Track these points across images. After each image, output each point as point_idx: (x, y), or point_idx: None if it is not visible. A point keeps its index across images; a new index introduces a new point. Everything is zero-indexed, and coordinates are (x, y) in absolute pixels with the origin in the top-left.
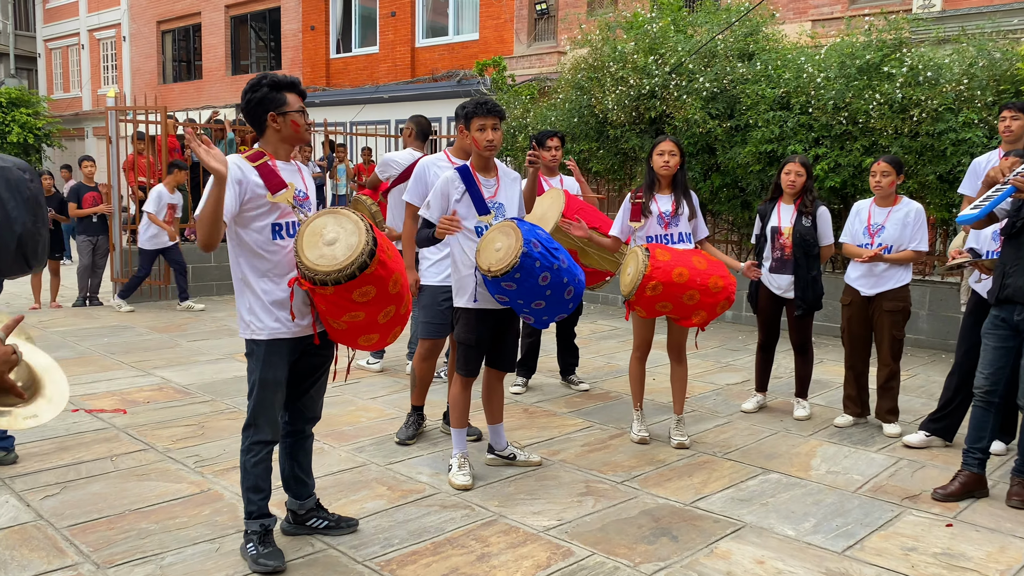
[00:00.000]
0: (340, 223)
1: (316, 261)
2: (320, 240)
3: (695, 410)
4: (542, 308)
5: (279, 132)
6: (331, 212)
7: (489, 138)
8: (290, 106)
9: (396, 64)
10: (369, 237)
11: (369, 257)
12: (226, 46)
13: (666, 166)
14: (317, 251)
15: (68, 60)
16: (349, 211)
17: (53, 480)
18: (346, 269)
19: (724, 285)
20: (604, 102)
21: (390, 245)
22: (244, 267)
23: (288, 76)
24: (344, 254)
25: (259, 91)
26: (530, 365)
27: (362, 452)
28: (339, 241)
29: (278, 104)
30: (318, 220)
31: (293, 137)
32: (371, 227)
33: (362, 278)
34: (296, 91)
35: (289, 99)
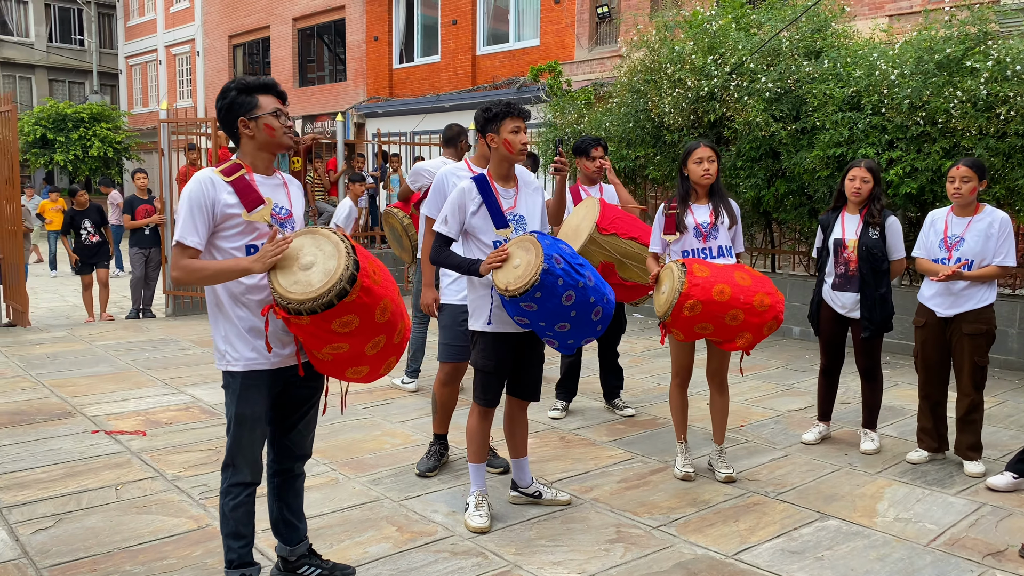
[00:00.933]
0: (319, 245)
1: (289, 288)
2: (296, 264)
3: (750, 440)
4: (567, 331)
5: (253, 139)
6: (309, 232)
7: (524, 140)
8: (262, 109)
9: (457, 72)
10: (349, 261)
11: (349, 283)
12: (293, 59)
13: (707, 175)
14: (291, 277)
15: (147, 76)
16: (330, 231)
17: (51, 511)
18: (322, 297)
19: (771, 303)
20: (660, 105)
21: (378, 268)
22: (218, 291)
23: (263, 77)
24: (320, 280)
25: (227, 97)
26: (570, 387)
27: (378, 484)
28: (316, 266)
29: (248, 108)
30: (295, 241)
31: (269, 143)
32: (353, 249)
33: (341, 307)
34: (271, 92)
35: (261, 102)
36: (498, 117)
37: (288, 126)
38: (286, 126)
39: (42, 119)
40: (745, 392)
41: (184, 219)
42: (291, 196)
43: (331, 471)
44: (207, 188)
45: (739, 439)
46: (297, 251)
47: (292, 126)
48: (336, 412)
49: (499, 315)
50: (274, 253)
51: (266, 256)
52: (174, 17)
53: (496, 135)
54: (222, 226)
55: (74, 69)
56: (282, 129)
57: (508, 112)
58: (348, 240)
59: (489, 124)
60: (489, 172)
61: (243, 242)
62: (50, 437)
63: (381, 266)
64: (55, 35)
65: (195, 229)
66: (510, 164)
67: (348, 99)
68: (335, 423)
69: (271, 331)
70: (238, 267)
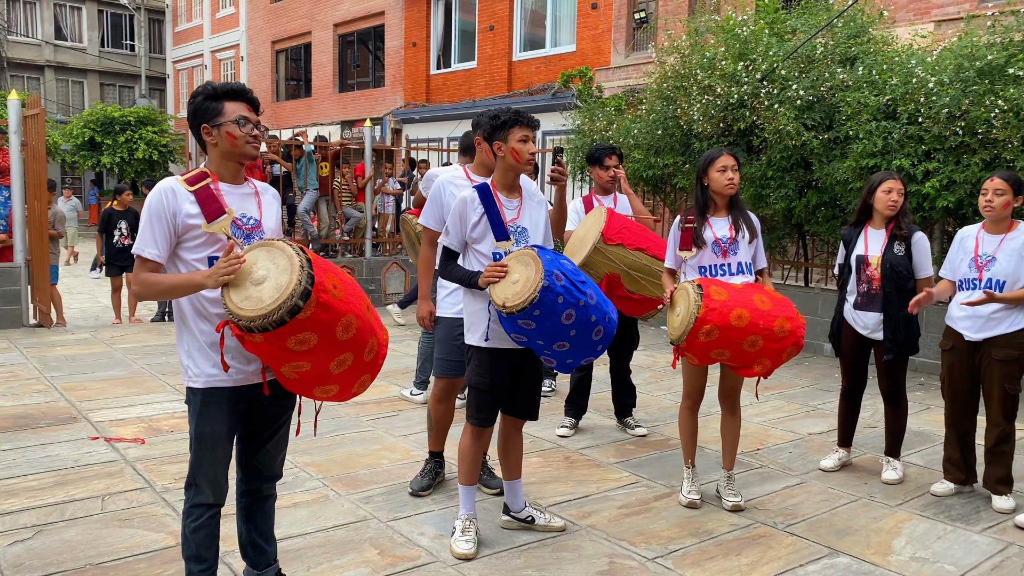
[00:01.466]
0: (273, 258)
1: (240, 304)
2: (248, 279)
3: (764, 466)
4: (566, 350)
5: (216, 147)
6: (265, 245)
7: (532, 150)
8: (225, 116)
9: (493, 79)
10: (303, 275)
11: (302, 299)
12: (334, 64)
13: (731, 184)
14: (243, 292)
15: (193, 80)
16: (286, 243)
17: (32, 521)
18: (272, 314)
19: (792, 328)
20: (689, 113)
21: (340, 283)
22: (182, 303)
23: (233, 83)
24: (271, 296)
25: (194, 102)
26: (579, 403)
27: (368, 503)
28: (268, 280)
29: (212, 114)
30: (249, 255)
31: (231, 152)
32: (310, 262)
33: (295, 324)
34: (240, 99)
35: (227, 108)
36: (506, 125)
37: (253, 135)
38: (250, 135)
39: (91, 122)
40: (766, 412)
41: (143, 230)
42: (262, 206)
43: (323, 487)
44: (167, 198)
45: (753, 464)
46: (251, 265)
47: (259, 135)
48: (338, 424)
49: (497, 331)
50: (225, 271)
51: (218, 273)
52: (220, 23)
53: (503, 143)
54: (184, 237)
55: (124, 73)
56: (244, 138)
57: (517, 120)
58: (305, 253)
59: (497, 132)
60: (493, 182)
61: (206, 254)
62: (49, 443)
63: (346, 280)
64: (107, 40)
65: (154, 241)
66: (516, 174)
67: (386, 105)
68: (336, 435)
69: (228, 347)
70: (191, 282)
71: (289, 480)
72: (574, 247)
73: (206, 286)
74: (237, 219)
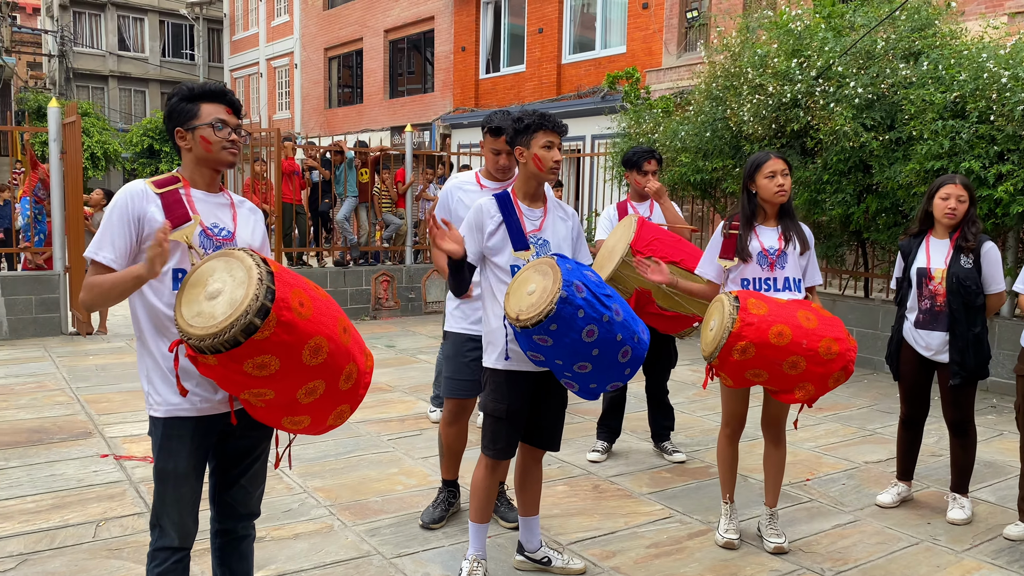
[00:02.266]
0: (230, 269)
1: (191, 320)
2: (203, 292)
3: (813, 500)
4: (588, 372)
5: (190, 152)
6: (224, 255)
7: (557, 158)
8: (200, 119)
9: (542, 82)
10: (261, 290)
11: (259, 317)
12: (384, 70)
13: (781, 191)
14: (195, 307)
15: (249, 88)
16: (247, 253)
17: (20, 549)
18: (223, 333)
19: (840, 351)
20: (739, 113)
21: (310, 299)
22: (141, 321)
23: (213, 83)
24: (224, 312)
25: (170, 103)
26: (612, 425)
27: (374, 536)
28: (222, 294)
29: (186, 117)
30: (206, 265)
31: (206, 159)
32: (271, 275)
33: (251, 346)
34: (218, 100)
35: (203, 111)
36: (530, 129)
37: (231, 140)
38: (227, 139)
39: (149, 130)
40: (819, 436)
41: (101, 232)
42: (237, 218)
43: (329, 515)
44: (134, 200)
45: (801, 497)
46: (206, 276)
47: (238, 140)
48: (356, 443)
49: (517, 350)
50: (155, 252)
51: (153, 259)
52: (275, 31)
53: (526, 149)
54: (146, 245)
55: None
56: (220, 143)
57: (542, 124)
58: (268, 264)
59: (519, 136)
60: (513, 189)
61: (168, 266)
62: (58, 460)
63: (318, 297)
64: (168, 50)
65: (111, 244)
66: (538, 183)
67: (435, 110)
68: (352, 456)
69: (187, 371)
70: (130, 275)
71: (295, 507)
72: (602, 259)
73: (144, 277)
74: (207, 227)
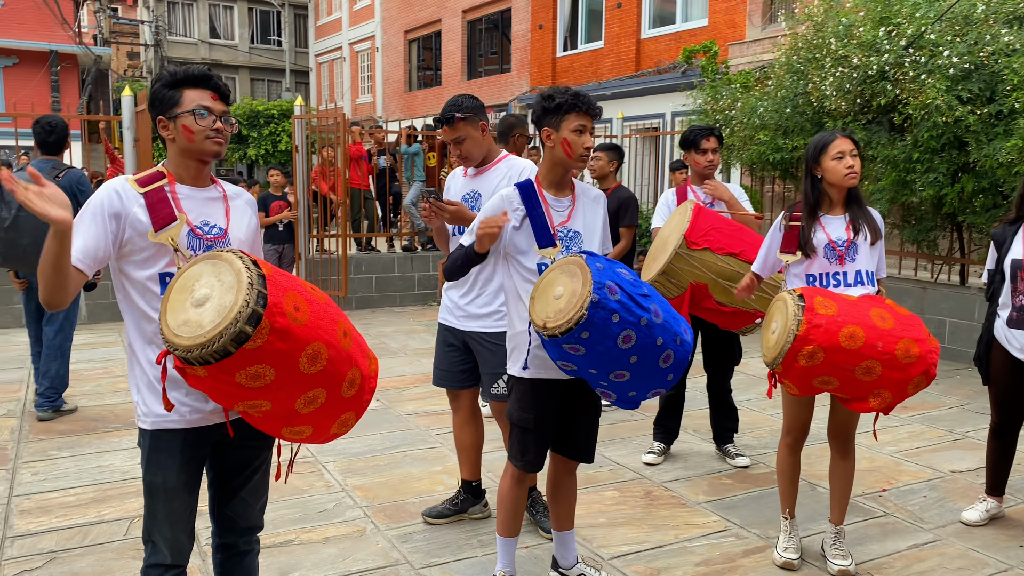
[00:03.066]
0: (219, 274)
1: (176, 330)
2: (189, 299)
3: (888, 513)
4: (626, 381)
5: (174, 143)
6: (211, 257)
7: (588, 144)
8: (182, 106)
9: (620, 58)
10: (252, 295)
11: (251, 324)
12: (462, 51)
13: (851, 173)
14: (182, 315)
15: (333, 72)
16: (237, 255)
17: (50, 546)
18: (212, 343)
19: (920, 353)
20: (821, 88)
21: (307, 303)
22: (130, 329)
23: (197, 67)
24: (212, 321)
25: (152, 90)
26: (669, 426)
27: (406, 542)
28: (210, 301)
29: (168, 105)
30: (192, 269)
31: (189, 149)
32: (263, 278)
33: (242, 355)
34: (202, 85)
35: (186, 97)
36: (560, 109)
37: (216, 128)
38: (212, 128)
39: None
40: (900, 440)
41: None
42: (230, 212)
43: (363, 517)
44: (111, 199)
45: (874, 511)
46: (192, 281)
47: (223, 129)
48: (404, 437)
49: (540, 357)
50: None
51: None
52: (357, 15)
53: (554, 131)
54: (128, 249)
55: (272, 68)
56: (203, 132)
57: (575, 105)
58: (259, 267)
59: (547, 116)
60: (538, 177)
61: (156, 269)
62: (107, 451)
63: (315, 300)
64: (256, 37)
65: (82, 245)
66: (565, 170)
67: (512, 90)
68: (397, 451)
69: (176, 381)
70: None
71: (330, 507)
72: (656, 251)
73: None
74: (195, 226)
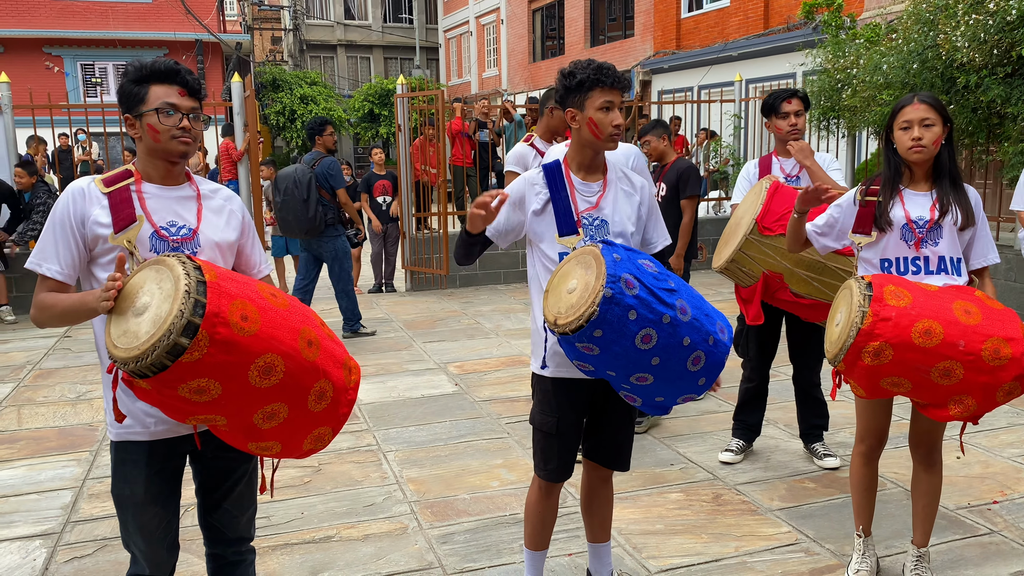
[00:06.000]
0: (160, 281)
1: (116, 340)
2: (131, 307)
3: (994, 531)
4: (649, 384)
5: (142, 142)
6: (156, 263)
7: (616, 121)
8: (148, 104)
9: (748, 16)
10: (188, 304)
11: (186, 336)
12: (585, 18)
13: (918, 147)
14: (123, 324)
15: (461, 47)
16: (180, 260)
17: (105, 533)
18: (146, 356)
19: (1014, 355)
20: (952, 39)
21: (260, 310)
22: (98, 334)
23: (164, 60)
24: (148, 331)
25: (120, 86)
26: (748, 421)
27: (446, 543)
28: (149, 310)
29: (134, 102)
30: (138, 276)
31: (155, 149)
32: (203, 284)
33: (180, 369)
34: (169, 80)
35: (151, 94)
36: (583, 86)
37: (181, 127)
38: (178, 127)
39: (370, 95)
40: (1016, 442)
41: (42, 240)
42: (203, 212)
43: (409, 513)
44: (74, 202)
45: (978, 527)
46: (136, 289)
47: (190, 127)
48: (472, 426)
49: (559, 354)
50: (103, 296)
51: (99, 296)
52: None
53: (579, 111)
54: (96, 251)
55: (404, 46)
56: (169, 131)
57: (598, 80)
58: (202, 272)
59: (570, 95)
60: (566, 159)
61: None
62: None
63: (271, 308)
64: (388, 16)
65: (55, 254)
66: (595, 152)
67: (635, 55)
68: (462, 441)
69: (119, 393)
70: (85, 306)
71: (379, 501)
72: (728, 235)
73: (99, 311)
74: (160, 227)
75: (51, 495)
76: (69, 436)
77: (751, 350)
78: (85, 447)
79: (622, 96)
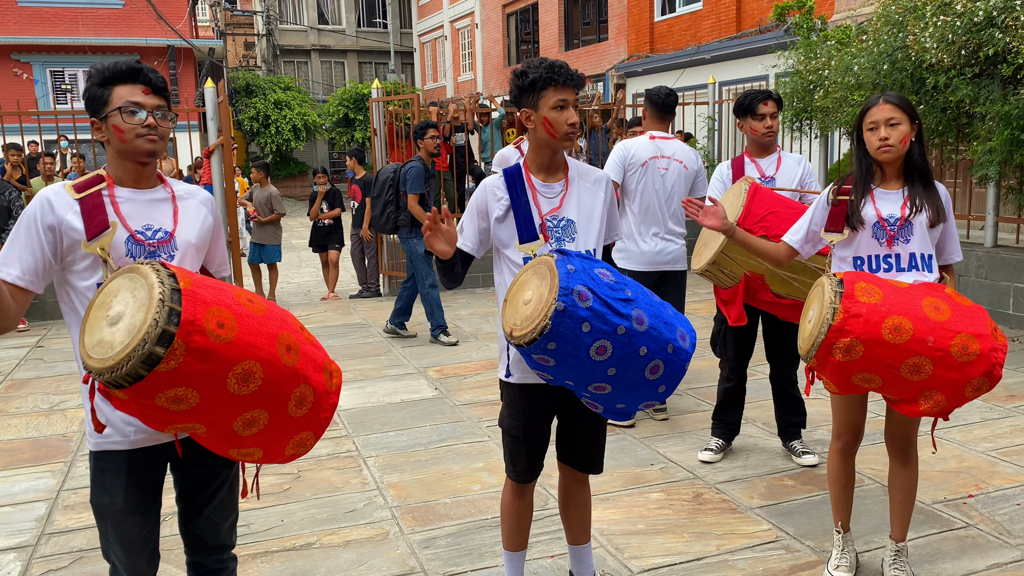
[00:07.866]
0: (134, 289)
1: (91, 351)
2: (105, 317)
3: (970, 524)
4: (608, 393)
5: (109, 144)
6: (129, 271)
7: (572, 120)
8: (112, 104)
9: (720, 19)
10: (162, 313)
11: (161, 345)
12: (559, 22)
13: (885, 146)
14: (97, 334)
15: (436, 52)
16: (153, 267)
17: (80, 545)
18: (120, 367)
19: (982, 351)
20: (921, 39)
21: (237, 316)
22: (76, 343)
23: (127, 61)
24: (122, 341)
25: (84, 91)
26: (727, 421)
27: (427, 547)
28: (123, 319)
29: (99, 104)
30: (112, 284)
31: (122, 150)
32: (178, 292)
33: (156, 378)
34: (132, 80)
35: (115, 94)
36: (536, 86)
37: (147, 125)
38: (143, 125)
39: (344, 100)
40: (1000, 435)
41: (8, 244)
42: (179, 214)
43: (390, 519)
44: (43, 209)
45: (954, 521)
46: (110, 297)
47: (156, 125)
48: (451, 430)
49: (522, 362)
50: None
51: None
52: None
53: (533, 111)
54: (69, 259)
55: (378, 51)
56: (134, 130)
57: (551, 79)
58: (176, 280)
59: (524, 95)
60: (526, 162)
61: (95, 280)
62: None
63: (247, 314)
64: (362, 20)
65: (18, 258)
66: (552, 152)
67: (609, 59)
68: (442, 445)
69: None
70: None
71: (360, 507)
72: (706, 237)
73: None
74: (136, 231)
75: (25, 507)
76: (43, 447)
77: (728, 350)
78: (59, 458)
79: (576, 94)
